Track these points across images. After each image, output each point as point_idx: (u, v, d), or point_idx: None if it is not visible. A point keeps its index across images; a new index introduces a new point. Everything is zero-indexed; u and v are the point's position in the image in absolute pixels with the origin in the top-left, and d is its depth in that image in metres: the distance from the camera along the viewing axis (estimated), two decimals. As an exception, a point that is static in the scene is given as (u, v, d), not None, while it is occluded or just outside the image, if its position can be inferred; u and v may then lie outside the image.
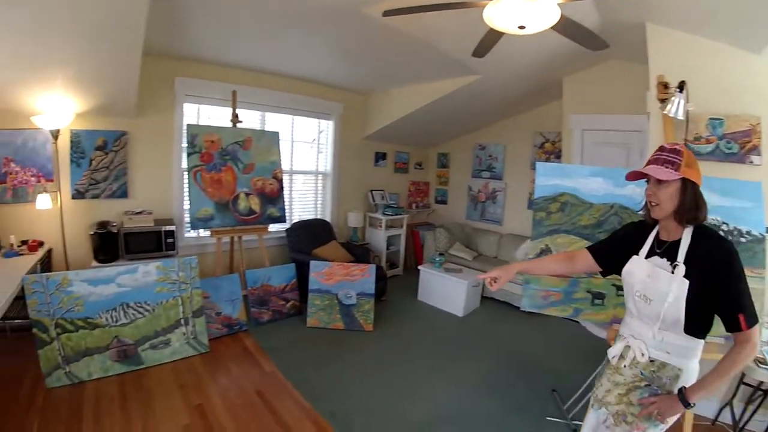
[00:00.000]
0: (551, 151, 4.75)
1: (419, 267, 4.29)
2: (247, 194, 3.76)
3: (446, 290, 4.09)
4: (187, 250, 4.02)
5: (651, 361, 1.37)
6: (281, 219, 3.91)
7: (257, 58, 3.81)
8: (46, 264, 3.40)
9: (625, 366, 1.44)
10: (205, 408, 2.60)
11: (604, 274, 1.61)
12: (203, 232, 4.15)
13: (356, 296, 3.72)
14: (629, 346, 1.43)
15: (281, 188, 3.95)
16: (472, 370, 3.16)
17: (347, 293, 3.73)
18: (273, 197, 3.88)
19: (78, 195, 3.66)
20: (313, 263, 3.71)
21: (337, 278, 3.71)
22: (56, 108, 3.27)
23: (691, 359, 1.34)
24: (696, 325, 1.30)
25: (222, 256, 3.85)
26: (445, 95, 4.01)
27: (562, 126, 4.23)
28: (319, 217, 4.99)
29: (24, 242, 3.32)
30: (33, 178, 3.50)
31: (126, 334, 2.94)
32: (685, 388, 1.28)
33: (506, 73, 3.68)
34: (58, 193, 3.52)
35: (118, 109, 3.57)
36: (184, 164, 3.98)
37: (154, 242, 3.61)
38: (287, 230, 4.33)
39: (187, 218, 4.09)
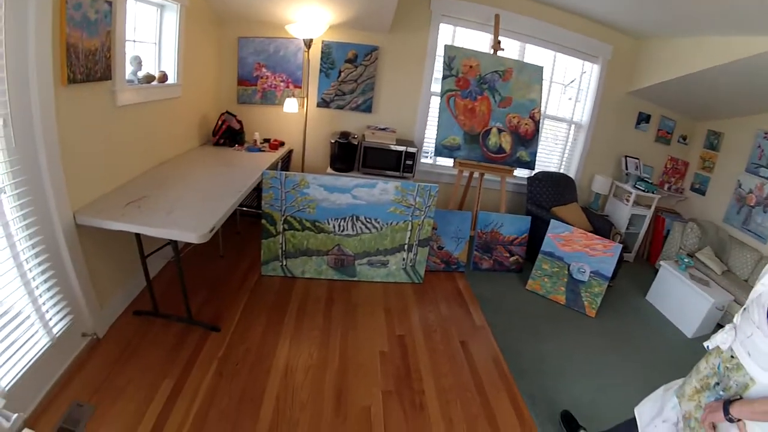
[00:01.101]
0: None
1: (660, 262, 3.52)
2: (500, 130, 3.42)
3: (684, 301, 3.26)
4: (419, 176, 3.94)
5: (731, 356, 1.17)
6: (530, 165, 3.50)
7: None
8: (285, 163, 3.63)
9: (708, 348, 1.29)
10: (406, 341, 2.48)
11: None
12: (441, 161, 4.00)
13: (590, 274, 3.20)
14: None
15: (537, 131, 3.50)
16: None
17: (581, 267, 3.23)
18: (527, 139, 3.47)
19: (323, 103, 3.79)
20: (553, 222, 3.26)
21: (576, 247, 3.22)
22: (311, 18, 3.31)
23: None
24: None
25: (457, 190, 3.62)
26: (750, 56, 2.89)
27: None
28: (562, 171, 4.45)
29: (266, 140, 3.59)
30: (282, 84, 3.72)
31: (348, 245, 2.97)
32: (739, 398, 1.10)
33: None
34: (305, 99, 3.68)
35: (373, 24, 3.50)
36: (433, 88, 3.81)
37: (393, 161, 3.57)
38: (529, 179, 3.91)
39: (427, 143, 3.98)
